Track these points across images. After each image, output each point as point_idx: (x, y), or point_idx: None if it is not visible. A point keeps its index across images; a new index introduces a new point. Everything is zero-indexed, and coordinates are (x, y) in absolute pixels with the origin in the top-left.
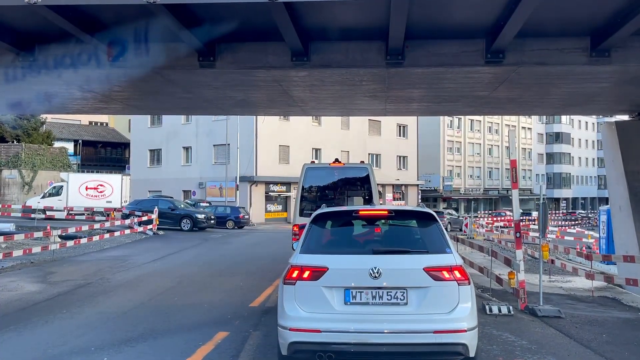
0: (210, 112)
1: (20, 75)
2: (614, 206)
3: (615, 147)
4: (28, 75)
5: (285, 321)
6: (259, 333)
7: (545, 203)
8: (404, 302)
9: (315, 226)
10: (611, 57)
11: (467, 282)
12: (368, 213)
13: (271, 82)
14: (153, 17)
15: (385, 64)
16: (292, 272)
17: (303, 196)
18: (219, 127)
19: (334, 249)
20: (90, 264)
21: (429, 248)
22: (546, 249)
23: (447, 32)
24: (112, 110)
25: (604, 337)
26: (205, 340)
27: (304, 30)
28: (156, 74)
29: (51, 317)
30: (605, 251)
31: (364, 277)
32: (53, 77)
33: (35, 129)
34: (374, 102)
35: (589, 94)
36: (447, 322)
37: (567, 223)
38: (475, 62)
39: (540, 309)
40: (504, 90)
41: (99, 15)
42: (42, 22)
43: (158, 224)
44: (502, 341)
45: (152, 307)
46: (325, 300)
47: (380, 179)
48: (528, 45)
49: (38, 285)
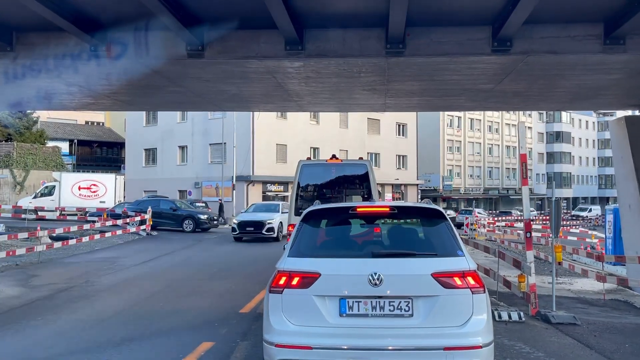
0: (203, 107)
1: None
2: (622, 205)
3: (625, 143)
4: (6, 67)
5: (271, 336)
6: (247, 344)
7: (559, 201)
8: (409, 313)
9: (306, 225)
10: (626, 44)
11: (482, 290)
12: (367, 210)
13: (264, 73)
14: (135, 3)
15: (385, 53)
16: (279, 278)
17: (299, 195)
18: (215, 125)
19: (328, 252)
20: (77, 266)
21: (437, 250)
22: (559, 250)
23: (450, 18)
24: (101, 106)
25: (627, 348)
26: (187, 352)
27: (298, 16)
28: (142, 65)
29: (23, 324)
30: (611, 252)
31: (362, 284)
32: (34, 69)
33: (27, 128)
34: (373, 96)
35: (598, 87)
36: (460, 337)
37: (568, 223)
38: (481, 51)
39: (553, 315)
40: (509, 82)
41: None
42: (20, 11)
43: (159, 225)
44: (516, 353)
45: (134, 313)
46: (317, 312)
47: (379, 179)
48: (537, 32)
49: (18, 289)
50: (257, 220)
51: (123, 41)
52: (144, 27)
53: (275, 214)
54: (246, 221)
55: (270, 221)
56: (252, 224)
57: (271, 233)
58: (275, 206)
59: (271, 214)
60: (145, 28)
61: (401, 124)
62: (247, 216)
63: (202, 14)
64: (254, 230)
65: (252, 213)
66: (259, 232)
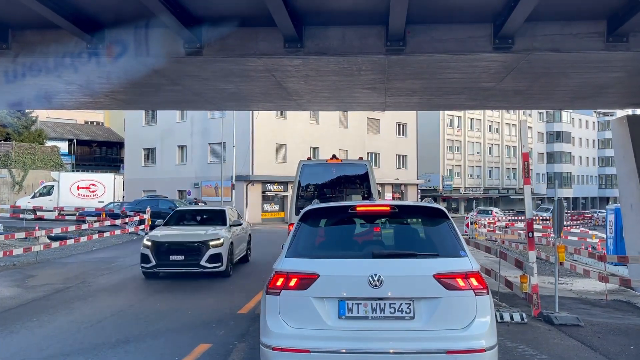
0: (201, 106)
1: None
2: (624, 204)
3: (627, 142)
4: (4, 66)
5: (267, 338)
6: (244, 345)
7: (561, 201)
8: (410, 315)
9: (305, 225)
10: (629, 42)
11: (485, 292)
12: (367, 209)
13: (263, 71)
14: (135, 2)
15: (385, 50)
16: (276, 279)
17: (299, 194)
18: (214, 125)
19: (327, 252)
20: (74, 266)
21: (439, 251)
22: (562, 250)
23: (451, 16)
24: (99, 105)
25: (632, 350)
26: (184, 354)
27: (297, 13)
28: (141, 64)
29: (18, 326)
30: (612, 252)
31: (362, 285)
32: (33, 68)
33: (26, 127)
34: (373, 94)
35: (601, 86)
36: (463, 340)
37: (570, 222)
38: (482, 49)
39: (556, 316)
40: (511, 81)
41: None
42: (18, 9)
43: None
44: (519, 355)
45: (131, 314)
46: (315, 314)
47: (379, 178)
48: (539, 29)
49: (14, 289)
50: (189, 242)
51: (122, 40)
52: (143, 26)
53: (219, 229)
54: (169, 243)
55: (215, 242)
56: (180, 249)
57: (217, 264)
58: (218, 214)
59: (213, 229)
60: (144, 27)
61: (401, 123)
62: (169, 233)
63: (201, 12)
64: (185, 261)
65: (178, 228)
66: (193, 263)
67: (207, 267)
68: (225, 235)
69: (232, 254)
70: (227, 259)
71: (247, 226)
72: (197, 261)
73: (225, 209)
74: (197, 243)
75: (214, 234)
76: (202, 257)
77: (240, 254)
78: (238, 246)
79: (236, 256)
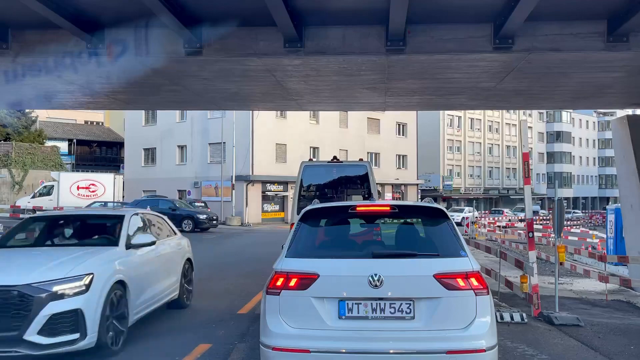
0: (202, 106)
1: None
2: (624, 205)
3: (627, 142)
4: (4, 65)
5: (267, 338)
6: (244, 346)
7: (561, 200)
8: (410, 315)
9: (305, 225)
10: (630, 42)
11: (485, 292)
12: (367, 209)
13: (263, 71)
14: (135, 2)
15: (386, 50)
16: (276, 279)
17: (301, 194)
18: (214, 125)
19: (327, 252)
20: None
21: (439, 251)
22: (562, 250)
23: (452, 16)
24: (99, 105)
25: (632, 350)
26: (184, 354)
27: (297, 13)
28: (141, 64)
29: None
30: (613, 252)
31: (362, 285)
32: (33, 68)
33: (26, 127)
34: (373, 94)
35: (601, 85)
36: (463, 340)
37: (570, 223)
38: (482, 49)
39: (556, 316)
40: (511, 81)
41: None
42: (19, 9)
43: None
44: (520, 355)
45: None
46: (315, 314)
47: (379, 178)
48: (540, 29)
49: None
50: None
51: (122, 40)
52: (143, 26)
53: (98, 253)
54: None
55: (65, 286)
56: None
57: (67, 336)
58: (107, 225)
59: (82, 254)
60: (144, 27)
61: (401, 123)
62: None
63: (201, 12)
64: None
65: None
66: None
67: (41, 345)
68: (100, 269)
69: (125, 306)
70: (98, 322)
71: (182, 245)
72: (15, 332)
73: (126, 213)
74: (16, 290)
75: (67, 267)
76: (26, 322)
77: (160, 299)
78: (150, 286)
79: (141, 308)
